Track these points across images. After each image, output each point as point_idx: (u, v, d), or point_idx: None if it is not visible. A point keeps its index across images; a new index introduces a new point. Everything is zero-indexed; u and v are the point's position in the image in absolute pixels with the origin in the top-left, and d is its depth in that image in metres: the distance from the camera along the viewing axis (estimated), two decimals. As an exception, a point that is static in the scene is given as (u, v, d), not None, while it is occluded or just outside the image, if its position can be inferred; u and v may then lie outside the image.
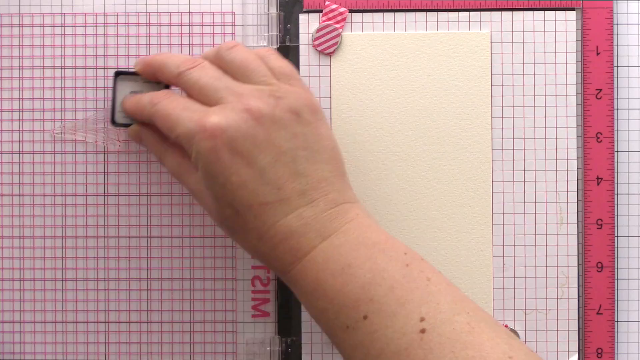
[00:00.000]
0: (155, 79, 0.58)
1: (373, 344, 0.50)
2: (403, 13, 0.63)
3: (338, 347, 0.52)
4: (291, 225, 0.52)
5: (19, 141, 0.63)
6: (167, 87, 0.58)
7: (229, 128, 0.52)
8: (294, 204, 0.53)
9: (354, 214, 0.54)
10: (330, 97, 0.63)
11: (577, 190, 0.63)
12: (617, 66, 0.63)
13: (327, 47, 0.63)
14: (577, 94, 0.63)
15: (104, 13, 0.63)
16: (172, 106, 0.54)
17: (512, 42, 0.63)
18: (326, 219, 0.53)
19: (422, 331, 0.49)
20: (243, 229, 0.53)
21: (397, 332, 0.49)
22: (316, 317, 0.53)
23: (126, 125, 0.60)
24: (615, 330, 0.63)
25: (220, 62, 0.56)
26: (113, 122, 0.60)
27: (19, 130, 0.63)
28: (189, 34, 0.63)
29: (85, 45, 0.63)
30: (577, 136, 0.63)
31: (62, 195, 0.63)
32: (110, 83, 0.63)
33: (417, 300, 0.50)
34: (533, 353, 0.50)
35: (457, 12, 0.63)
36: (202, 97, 0.54)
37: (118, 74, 0.59)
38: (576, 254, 0.63)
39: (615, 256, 0.63)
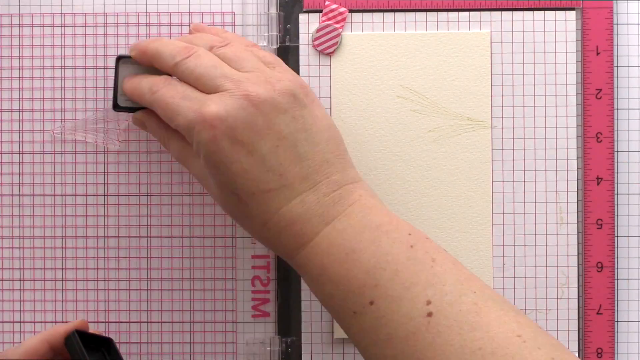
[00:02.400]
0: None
1: (381, 329, 0.50)
2: (403, 13, 0.63)
3: (347, 332, 0.52)
4: (294, 211, 0.52)
5: (19, 141, 0.63)
6: None
7: (228, 117, 0.52)
8: (297, 189, 0.53)
9: (357, 195, 0.53)
10: (330, 97, 0.63)
11: (577, 190, 0.63)
12: (617, 66, 0.63)
13: (327, 47, 0.63)
14: (577, 94, 0.63)
15: (104, 13, 0.63)
16: (171, 94, 0.54)
17: (512, 42, 0.63)
18: (329, 202, 0.53)
19: (429, 315, 0.49)
20: (247, 216, 0.54)
21: (404, 317, 0.49)
22: (324, 302, 0.53)
23: (129, 109, 0.59)
24: (615, 330, 0.63)
25: (215, 54, 0.56)
26: (116, 106, 0.59)
27: (19, 131, 0.63)
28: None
29: (85, 45, 0.63)
30: (577, 136, 0.63)
31: (62, 196, 0.63)
32: (110, 83, 0.63)
33: (422, 282, 0.50)
34: (542, 330, 0.49)
35: (457, 12, 0.63)
36: (200, 85, 0.54)
37: (120, 58, 0.59)
38: (576, 254, 0.63)
39: (615, 256, 0.63)
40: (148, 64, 0.57)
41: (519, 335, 0.48)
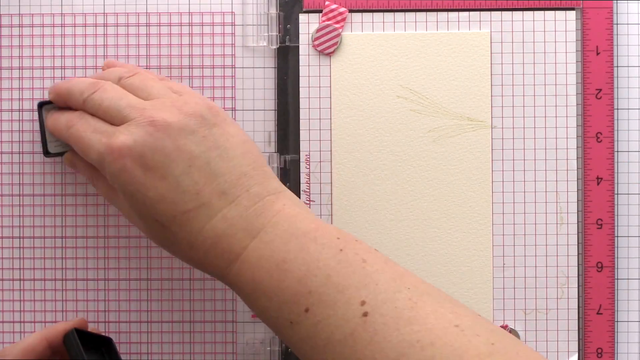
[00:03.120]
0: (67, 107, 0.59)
1: (318, 334, 0.49)
2: (403, 13, 0.63)
3: (286, 342, 0.52)
4: (218, 227, 0.52)
5: (19, 141, 0.63)
6: None
7: (135, 145, 0.52)
8: (216, 206, 0.53)
9: (280, 204, 0.53)
10: (330, 97, 0.63)
11: (577, 190, 0.63)
12: (617, 66, 0.63)
13: (327, 47, 0.63)
14: (577, 94, 0.63)
15: (103, 13, 0.63)
16: (84, 129, 0.55)
17: (512, 42, 0.63)
18: (252, 215, 0.53)
19: (365, 314, 0.48)
20: (173, 241, 0.54)
21: (340, 320, 0.49)
22: (260, 316, 0.53)
23: (61, 154, 0.61)
24: (615, 330, 0.63)
25: (122, 85, 0.57)
26: (47, 153, 0.61)
27: (19, 131, 0.63)
28: (189, 34, 0.63)
29: (85, 45, 0.63)
30: (577, 136, 0.63)
31: (62, 196, 0.63)
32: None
33: (355, 284, 0.49)
34: (480, 317, 0.49)
35: (457, 12, 0.63)
36: (109, 117, 0.55)
37: (41, 105, 0.60)
38: (576, 254, 0.63)
39: (615, 256, 0.63)
40: (65, 105, 0.59)
41: (456, 325, 0.48)
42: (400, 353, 0.47)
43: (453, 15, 0.63)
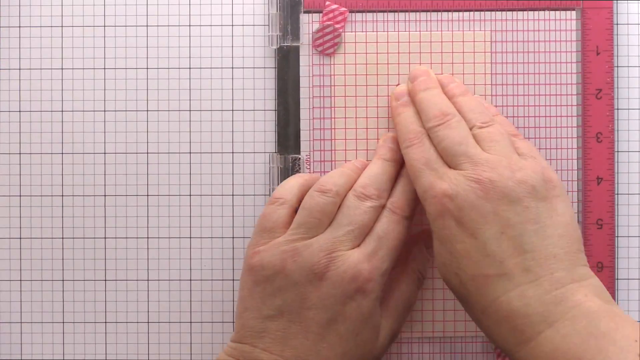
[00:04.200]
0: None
1: None
2: (403, 13, 0.63)
3: None
4: (513, 303, 0.52)
5: (19, 142, 0.63)
6: None
7: (457, 197, 0.53)
8: (516, 280, 0.52)
9: (582, 295, 0.51)
10: (331, 97, 0.63)
11: (577, 190, 0.63)
12: (617, 66, 0.63)
13: (328, 47, 0.63)
14: (577, 94, 0.63)
15: (103, 14, 0.63)
16: (417, 157, 0.56)
17: (512, 42, 0.63)
18: (550, 301, 0.51)
19: None
20: (467, 300, 0.54)
21: None
22: None
23: None
24: (616, 331, 0.63)
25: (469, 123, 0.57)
26: None
27: (19, 131, 0.63)
28: (189, 35, 0.63)
29: (85, 46, 0.63)
30: (577, 136, 0.63)
31: (62, 196, 0.63)
32: (108, 85, 0.63)
33: None
34: None
35: (457, 12, 0.63)
36: (444, 156, 0.55)
37: None
38: (576, 254, 0.63)
39: (615, 256, 0.63)
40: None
41: None
42: None
43: (453, 15, 0.63)
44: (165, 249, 0.63)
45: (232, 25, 0.63)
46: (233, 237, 0.63)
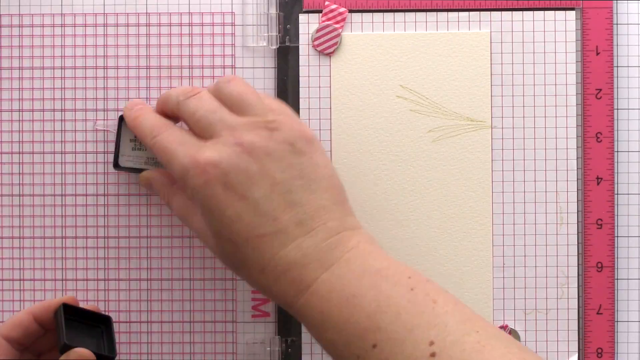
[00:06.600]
0: (164, 113, 0.59)
1: None
2: (403, 13, 0.63)
3: None
4: (291, 256, 0.52)
5: (19, 141, 0.63)
6: None
7: (221, 162, 0.53)
8: (292, 234, 0.53)
9: (355, 241, 0.53)
10: (330, 97, 0.63)
11: (577, 190, 0.63)
12: (617, 66, 0.63)
13: (327, 47, 0.63)
14: (577, 94, 0.63)
15: (104, 13, 0.63)
16: (170, 140, 0.56)
17: (512, 42, 0.63)
18: (326, 248, 0.53)
19: (432, 355, 0.48)
20: (245, 263, 0.54)
21: (407, 358, 0.49)
22: (326, 348, 0.53)
23: (130, 170, 0.61)
24: (615, 330, 0.63)
25: (219, 94, 0.56)
26: (116, 165, 0.61)
27: (19, 131, 0.63)
28: (189, 34, 0.63)
29: (85, 45, 0.63)
30: (577, 136, 0.63)
31: (62, 196, 0.63)
32: (109, 83, 0.63)
33: (424, 324, 0.49)
34: None
35: (457, 12, 0.63)
36: (198, 129, 0.55)
37: (123, 117, 0.60)
38: (576, 254, 0.63)
39: (615, 256, 0.63)
40: (160, 112, 0.59)
41: None
42: None
43: (453, 15, 0.63)
44: (166, 248, 0.63)
45: (233, 25, 0.63)
46: (233, 237, 0.63)
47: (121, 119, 0.61)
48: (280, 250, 0.53)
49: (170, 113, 0.58)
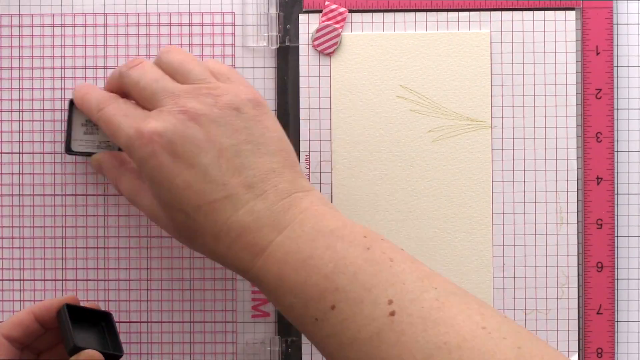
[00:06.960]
0: (112, 90, 0.59)
1: (344, 332, 0.49)
2: (403, 13, 0.63)
3: (310, 339, 0.52)
4: (243, 220, 0.52)
5: (19, 141, 0.63)
6: None
7: (166, 131, 0.52)
8: (243, 198, 0.52)
9: (308, 202, 0.53)
10: (330, 97, 0.63)
11: (577, 190, 0.63)
12: (617, 66, 0.63)
13: (327, 47, 0.63)
14: (577, 93, 0.63)
15: (103, 13, 0.63)
16: (114, 112, 0.55)
17: (512, 42, 0.63)
18: (279, 210, 0.52)
19: (392, 314, 0.48)
20: (198, 232, 0.53)
21: (366, 318, 0.49)
22: (285, 312, 0.52)
23: (83, 154, 0.61)
24: (615, 330, 0.63)
25: (160, 64, 0.56)
26: (69, 150, 0.61)
27: (19, 131, 0.63)
28: (189, 34, 0.63)
29: (85, 45, 0.63)
30: (577, 136, 0.63)
31: (62, 196, 0.63)
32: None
33: (382, 283, 0.49)
34: (507, 319, 0.49)
35: (457, 12, 0.63)
36: (142, 99, 0.55)
37: (73, 102, 0.60)
38: (576, 254, 0.63)
39: (615, 256, 0.63)
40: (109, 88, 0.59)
41: (483, 327, 0.48)
42: (427, 355, 0.47)
43: (453, 15, 0.63)
44: (166, 248, 0.63)
45: (233, 25, 0.63)
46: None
47: (71, 103, 0.61)
48: (232, 214, 0.52)
49: (117, 89, 0.58)
